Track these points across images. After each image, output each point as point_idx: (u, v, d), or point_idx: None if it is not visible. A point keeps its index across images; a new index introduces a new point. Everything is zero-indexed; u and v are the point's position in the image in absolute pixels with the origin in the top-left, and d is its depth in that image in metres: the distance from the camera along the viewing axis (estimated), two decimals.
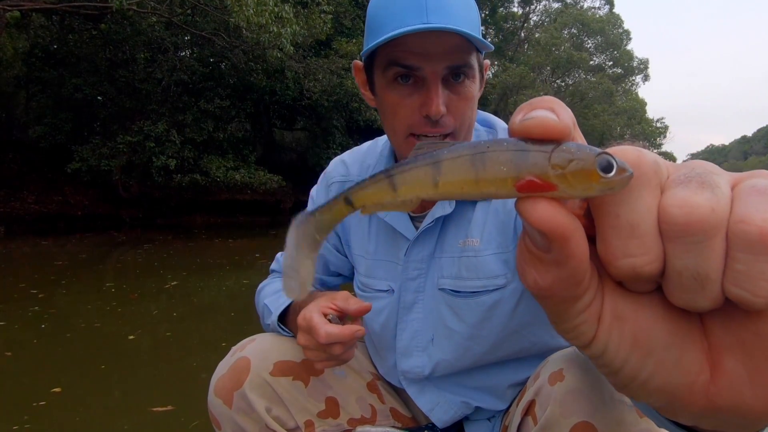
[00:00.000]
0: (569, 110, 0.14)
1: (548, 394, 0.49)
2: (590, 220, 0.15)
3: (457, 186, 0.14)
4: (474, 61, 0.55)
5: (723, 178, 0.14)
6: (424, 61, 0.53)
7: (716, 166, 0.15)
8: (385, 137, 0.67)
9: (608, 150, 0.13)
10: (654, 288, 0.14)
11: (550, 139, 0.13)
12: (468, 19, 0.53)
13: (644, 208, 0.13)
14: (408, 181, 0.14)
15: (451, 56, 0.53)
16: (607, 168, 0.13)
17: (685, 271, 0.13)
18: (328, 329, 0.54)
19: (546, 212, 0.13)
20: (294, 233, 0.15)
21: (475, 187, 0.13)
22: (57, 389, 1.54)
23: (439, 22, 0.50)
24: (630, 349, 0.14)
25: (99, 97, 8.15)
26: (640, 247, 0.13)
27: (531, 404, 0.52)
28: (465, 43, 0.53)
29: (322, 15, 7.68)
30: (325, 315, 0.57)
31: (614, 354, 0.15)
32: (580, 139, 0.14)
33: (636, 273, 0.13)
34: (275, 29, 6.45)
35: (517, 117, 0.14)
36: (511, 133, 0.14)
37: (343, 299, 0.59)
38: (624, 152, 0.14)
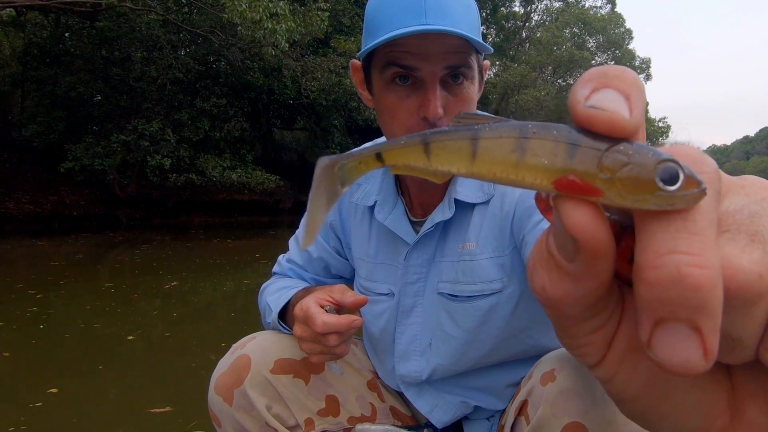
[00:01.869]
0: (644, 93, 0.12)
1: (540, 394, 0.49)
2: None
3: (492, 168, 0.12)
4: (473, 62, 0.55)
5: None
6: (423, 61, 0.52)
7: None
8: (382, 139, 0.68)
9: (668, 151, 0.11)
10: (699, 349, 0.11)
11: (614, 138, 0.11)
12: (467, 21, 0.53)
13: (705, 207, 0.11)
14: (443, 151, 0.13)
15: (450, 57, 0.52)
16: (672, 180, 0.10)
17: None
18: (324, 318, 0.55)
19: (586, 219, 0.11)
20: (318, 177, 0.14)
21: (511, 174, 0.12)
22: (54, 390, 1.53)
23: (437, 23, 0.50)
24: (643, 387, 0.13)
25: (98, 97, 8.10)
26: (691, 245, 0.11)
27: (524, 404, 0.52)
28: (464, 44, 0.52)
29: (319, 12, 7.60)
30: (322, 307, 0.57)
31: (623, 386, 0.13)
32: (642, 131, 0.12)
33: (681, 275, 0.10)
34: (270, 25, 6.37)
35: (582, 93, 0.11)
36: (572, 113, 0.12)
37: (340, 292, 0.59)
38: (685, 150, 0.12)
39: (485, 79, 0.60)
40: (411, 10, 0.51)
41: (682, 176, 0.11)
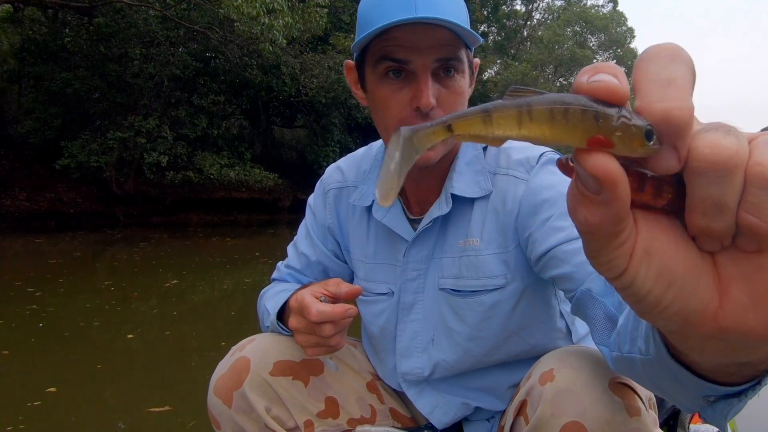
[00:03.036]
0: (624, 76, 0.16)
1: (539, 394, 0.49)
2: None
3: (539, 131, 0.16)
4: (463, 55, 0.56)
5: (742, 132, 0.16)
6: (414, 54, 0.53)
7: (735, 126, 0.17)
8: (379, 142, 0.67)
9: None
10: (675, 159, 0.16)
11: (612, 102, 0.16)
12: (456, 14, 0.54)
13: (683, 77, 0.16)
14: (501, 119, 0.16)
15: (441, 49, 0.53)
16: (650, 137, 0.16)
17: (708, 199, 0.16)
18: (319, 307, 0.55)
19: (603, 162, 0.15)
20: (399, 145, 0.17)
21: (554, 134, 0.16)
22: (52, 389, 1.52)
23: (427, 14, 0.51)
24: (655, 279, 0.17)
25: (96, 94, 8.02)
26: (675, 96, 0.16)
27: (523, 404, 0.52)
28: (454, 37, 0.54)
29: (318, 9, 7.54)
30: (317, 298, 0.57)
31: (641, 284, 0.17)
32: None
33: (668, 117, 0.15)
34: (267, 21, 6.32)
35: (584, 77, 0.16)
36: (577, 91, 0.16)
37: (335, 284, 0.60)
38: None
39: (475, 75, 0.61)
40: (401, 3, 0.52)
41: (654, 135, 0.16)
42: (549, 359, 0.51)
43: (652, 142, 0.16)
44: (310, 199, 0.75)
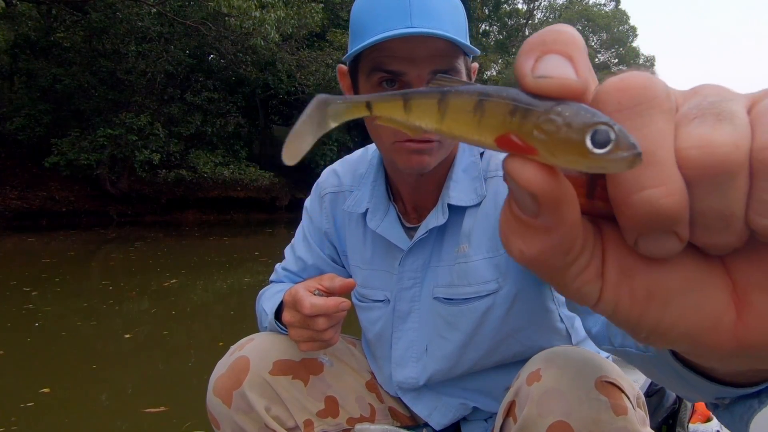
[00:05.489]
0: (584, 49, 0.12)
1: (526, 394, 0.48)
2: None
3: (456, 127, 0.13)
4: (461, 65, 0.54)
5: (738, 103, 0.12)
6: (409, 66, 0.52)
7: (726, 88, 0.13)
8: (374, 144, 0.65)
9: (613, 80, 0.12)
10: (677, 242, 0.12)
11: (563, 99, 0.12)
12: (454, 23, 0.52)
13: (659, 134, 0.12)
14: (418, 107, 0.14)
15: (437, 61, 0.52)
16: (603, 143, 0.11)
17: (709, 212, 0.12)
18: (312, 300, 0.55)
19: (536, 173, 0.12)
20: (311, 108, 0.15)
21: (472, 133, 0.13)
22: (46, 389, 1.50)
23: (423, 26, 0.50)
24: (645, 302, 0.13)
25: (87, 90, 7.91)
26: (656, 178, 0.12)
27: (511, 405, 0.51)
28: (451, 47, 0.52)
29: (313, 4, 7.46)
30: (311, 292, 0.57)
31: (628, 309, 0.14)
32: (593, 82, 0.13)
33: (654, 209, 0.12)
34: (258, 15, 6.21)
35: (527, 65, 0.12)
36: (522, 87, 0.12)
37: (329, 279, 0.60)
38: (631, 78, 0.12)
39: (473, 80, 0.60)
40: (396, 12, 0.50)
41: (612, 139, 0.11)
42: (536, 360, 0.51)
43: (605, 150, 0.11)
44: (307, 203, 0.74)
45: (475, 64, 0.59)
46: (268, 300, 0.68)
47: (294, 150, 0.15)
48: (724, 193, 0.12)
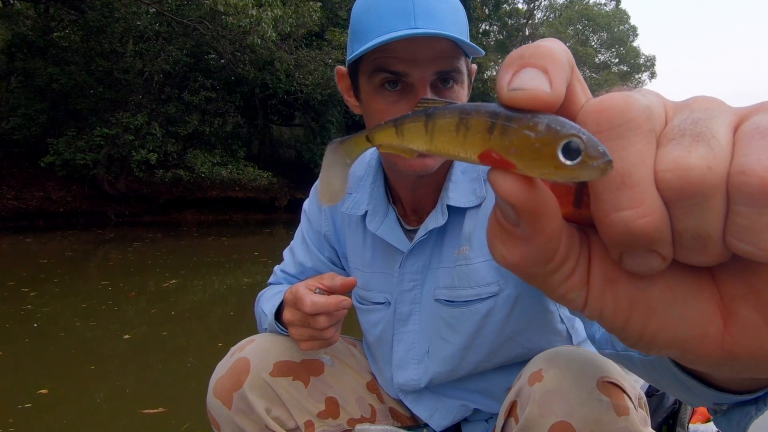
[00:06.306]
0: (566, 57, 0.13)
1: (528, 394, 0.48)
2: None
3: (443, 146, 0.14)
4: (463, 66, 0.54)
5: (722, 121, 0.12)
6: (412, 67, 0.51)
7: (719, 102, 0.13)
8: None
9: (592, 102, 0.13)
10: (659, 260, 0.13)
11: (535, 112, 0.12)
12: (456, 23, 0.52)
13: (636, 156, 0.12)
14: (408, 131, 0.15)
15: (440, 62, 0.52)
16: (573, 154, 0.11)
17: (685, 233, 0.12)
18: (313, 298, 0.55)
19: (515, 185, 0.12)
20: (328, 156, 0.18)
21: (458, 151, 0.13)
22: (44, 390, 1.50)
23: (427, 27, 0.49)
24: (629, 309, 0.14)
25: (89, 90, 7.86)
26: (632, 199, 0.12)
27: (513, 405, 0.51)
28: (454, 47, 0.52)
29: (311, 3, 7.40)
30: (312, 290, 0.57)
31: (612, 316, 0.14)
32: (580, 85, 0.13)
33: (629, 229, 0.12)
34: (255, 13, 6.17)
35: (505, 79, 0.13)
36: (499, 101, 0.13)
37: (329, 278, 0.59)
38: (609, 100, 0.13)
39: (473, 81, 0.60)
40: (399, 13, 0.50)
41: (582, 150, 0.11)
42: (538, 360, 0.51)
43: (575, 161, 0.11)
44: (305, 205, 0.73)
45: (474, 65, 0.59)
46: (267, 301, 0.68)
47: (330, 194, 0.17)
48: (700, 214, 0.12)
